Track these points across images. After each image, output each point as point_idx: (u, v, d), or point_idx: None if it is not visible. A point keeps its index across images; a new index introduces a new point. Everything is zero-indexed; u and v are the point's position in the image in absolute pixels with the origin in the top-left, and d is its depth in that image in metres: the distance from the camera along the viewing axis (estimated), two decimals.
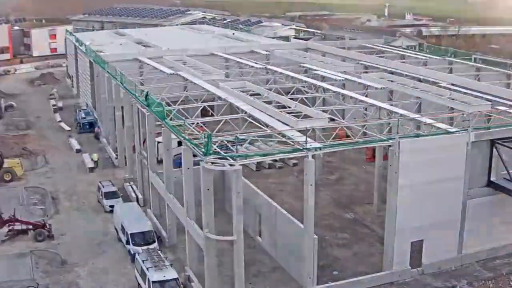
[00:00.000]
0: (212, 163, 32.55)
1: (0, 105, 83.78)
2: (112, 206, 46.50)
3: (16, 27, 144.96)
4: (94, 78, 69.17)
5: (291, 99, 46.03)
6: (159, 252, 37.63)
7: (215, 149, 33.04)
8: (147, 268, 34.88)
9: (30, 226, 44.43)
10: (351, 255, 40.34)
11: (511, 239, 40.37)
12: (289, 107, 43.54)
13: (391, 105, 44.64)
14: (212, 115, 45.56)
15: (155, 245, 40.13)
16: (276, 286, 36.79)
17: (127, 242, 40.77)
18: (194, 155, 35.59)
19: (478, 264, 39.26)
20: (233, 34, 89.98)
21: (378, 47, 74.49)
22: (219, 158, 32.67)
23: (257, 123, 39.52)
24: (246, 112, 41.40)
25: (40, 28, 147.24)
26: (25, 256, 40.76)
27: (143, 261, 35.76)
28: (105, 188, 49.51)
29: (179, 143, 44.88)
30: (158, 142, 48.39)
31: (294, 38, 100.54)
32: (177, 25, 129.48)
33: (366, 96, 48.18)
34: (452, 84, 50.70)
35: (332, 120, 41.29)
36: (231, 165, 32.31)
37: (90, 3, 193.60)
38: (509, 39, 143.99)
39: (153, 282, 34.00)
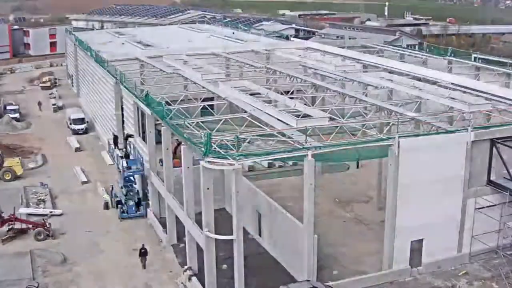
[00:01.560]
0: (212, 162, 32.59)
1: (0, 105, 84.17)
2: None
3: (15, 26, 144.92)
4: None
5: (291, 98, 46.03)
6: None
7: (215, 149, 33.06)
8: None
9: (30, 226, 44.46)
10: (351, 254, 40.34)
11: (511, 238, 40.36)
12: (289, 107, 43.52)
13: (391, 104, 44.64)
14: (212, 114, 45.53)
15: None
16: (276, 285, 36.76)
17: None
18: None
19: (478, 264, 39.30)
20: (233, 33, 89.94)
21: (378, 47, 74.46)
22: (219, 158, 32.70)
23: (257, 123, 39.53)
24: (246, 112, 41.41)
25: (40, 27, 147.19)
26: (25, 255, 40.84)
27: None
28: None
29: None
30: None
31: (294, 37, 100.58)
32: (176, 24, 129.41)
33: (366, 95, 48.16)
34: (452, 84, 50.67)
35: (332, 119, 41.28)
36: (230, 164, 32.35)
37: (90, 2, 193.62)
38: (509, 38, 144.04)
39: None
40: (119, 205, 47.89)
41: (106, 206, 49.44)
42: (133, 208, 47.29)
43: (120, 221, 47.02)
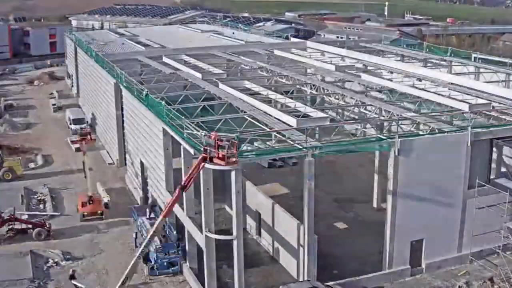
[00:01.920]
0: (212, 162, 32.54)
1: (0, 105, 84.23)
2: None
3: (14, 26, 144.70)
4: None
5: (291, 98, 46.04)
6: None
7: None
8: None
9: (30, 226, 44.44)
10: (351, 254, 40.35)
11: (511, 238, 40.36)
12: (289, 107, 43.54)
13: (391, 104, 44.64)
14: (212, 114, 45.52)
15: None
16: (276, 285, 36.80)
17: None
18: None
19: (478, 264, 39.29)
20: (233, 33, 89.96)
21: (378, 47, 74.39)
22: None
23: (257, 123, 39.53)
24: (246, 112, 41.43)
25: (40, 27, 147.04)
26: (25, 255, 40.82)
27: None
28: None
29: None
30: None
31: (293, 37, 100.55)
32: (176, 24, 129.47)
33: (366, 96, 48.17)
34: (452, 84, 50.65)
35: (332, 120, 41.32)
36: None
37: (90, 2, 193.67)
38: (509, 38, 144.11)
39: None
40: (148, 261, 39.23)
41: (106, 206, 49.43)
42: (165, 264, 38.77)
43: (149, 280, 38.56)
